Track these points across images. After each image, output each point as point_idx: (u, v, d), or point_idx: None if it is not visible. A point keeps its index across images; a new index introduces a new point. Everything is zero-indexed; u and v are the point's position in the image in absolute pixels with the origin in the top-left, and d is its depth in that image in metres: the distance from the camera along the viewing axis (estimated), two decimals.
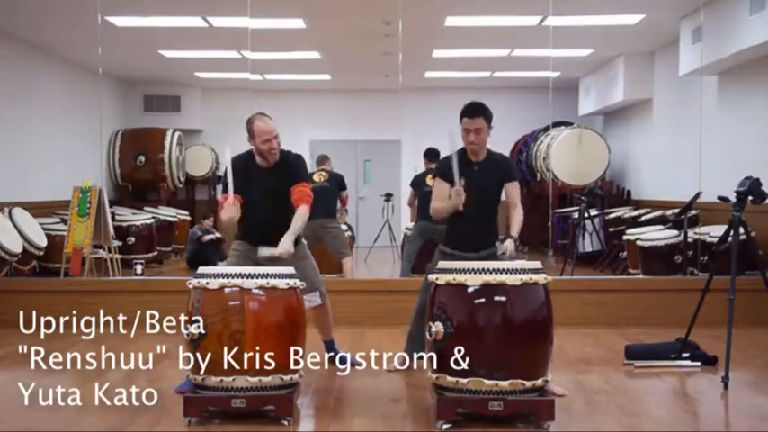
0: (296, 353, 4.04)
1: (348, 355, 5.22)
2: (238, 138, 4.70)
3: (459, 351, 3.74)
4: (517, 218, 4.52)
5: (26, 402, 4.43)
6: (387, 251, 10.72)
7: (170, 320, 6.10)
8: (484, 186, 4.52)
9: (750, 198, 4.88)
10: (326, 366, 5.14)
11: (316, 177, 7.75)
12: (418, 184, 7.80)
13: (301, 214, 4.53)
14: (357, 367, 5.10)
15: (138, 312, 6.57)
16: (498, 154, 4.68)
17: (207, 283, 3.93)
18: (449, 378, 3.81)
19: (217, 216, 4.58)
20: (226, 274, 3.94)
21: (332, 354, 5.18)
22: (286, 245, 4.39)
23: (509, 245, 4.36)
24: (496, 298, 3.81)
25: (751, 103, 8.17)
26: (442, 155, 5.55)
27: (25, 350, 5.77)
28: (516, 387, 3.76)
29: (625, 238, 8.91)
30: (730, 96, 8.68)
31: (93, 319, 6.57)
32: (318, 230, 7.61)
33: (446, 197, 4.50)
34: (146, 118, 12.46)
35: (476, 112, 4.46)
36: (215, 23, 8.92)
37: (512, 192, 4.57)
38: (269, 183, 4.54)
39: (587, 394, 4.50)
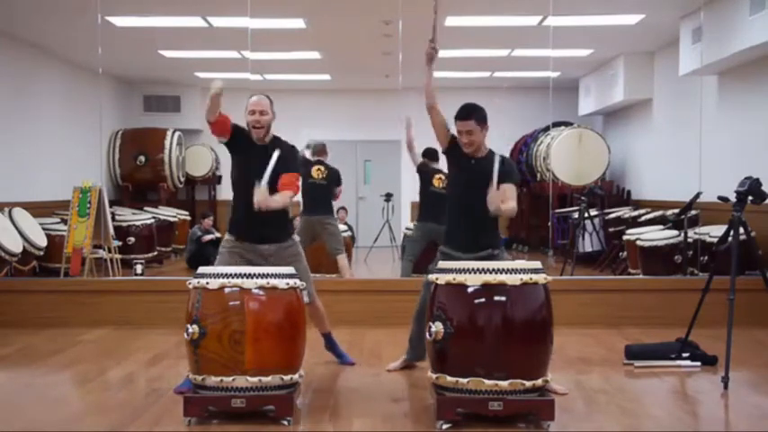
0: (296, 353, 4.05)
1: (345, 354, 5.24)
2: None
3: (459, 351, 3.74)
4: (511, 203, 4.32)
5: (26, 402, 4.44)
6: (387, 251, 10.73)
7: (170, 320, 6.13)
8: (476, 181, 4.36)
9: (750, 198, 4.88)
10: (323, 365, 5.15)
11: (314, 173, 7.68)
12: (425, 176, 7.57)
13: (288, 195, 4.46)
14: (353, 365, 5.12)
15: (139, 312, 6.65)
16: (501, 156, 4.51)
17: (207, 283, 3.92)
18: (449, 378, 3.82)
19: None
20: (226, 274, 3.94)
21: (330, 346, 5.22)
22: (262, 195, 4.30)
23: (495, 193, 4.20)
24: (496, 298, 3.81)
25: (751, 103, 8.17)
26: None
27: (25, 350, 5.81)
28: (516, 387, 3.75)
29: (625, 238, 8.91)
30: (730, 96, 8.69)
31: (93, 319, 6.62)
32: (317, 227, 7.59)
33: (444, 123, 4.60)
34: (146, 118, 12.46)
35: (467, 114, 4.45)
36: (215, 23, 8.92)
37: (504, 189, 4.29)
38: (262, 160, 4.44)
39: (587, 394, 4.50)
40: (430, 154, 7.82)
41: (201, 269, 4.05)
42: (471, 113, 4.45)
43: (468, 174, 4.49)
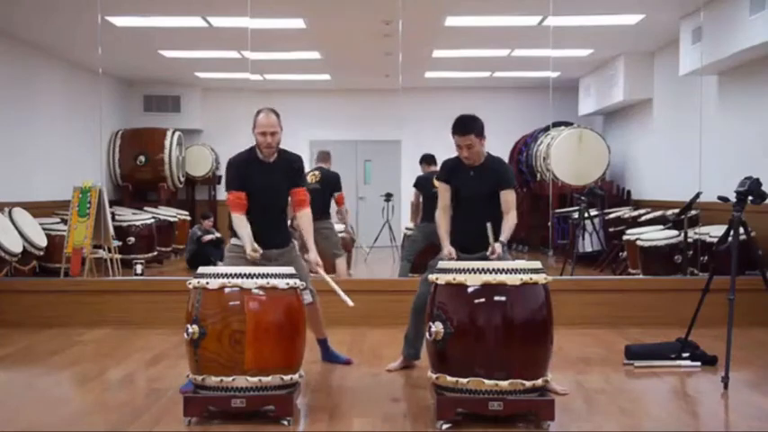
0: (296, 353, 4.05)
1: (342, 355, 5.24)
2: (238, 138, 4.72)
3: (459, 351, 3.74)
4: (509, 223, 4.48)
5: (26, 402, 4.43)
6: (387, 251, 10.72)
7: (170, 320, 6.13)
8: (478, 191, 4.53)
9: (750, 198, 4.87)
10: (322, 365, 5.16)
11: (309, 178, 7.69)
12: (423, 185, 7.74)
13: (308, 216, 4.80)
14: (351, 365, 5.12)
15: (139, 312, 6.65)
16: (496, 159, 4.65)
17: (207, 283, 3.92)
18: (449, 378, 3.82)
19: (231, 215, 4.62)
20: (226, 274, 3.94)
21: (325, 353, 5.22)
22: (315, 257, 4.72)
23: (497, 247, 4.34)
24: (496, 298, 3.80)
25: (751, 103, 8.17)
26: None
27: (25, 350, 5.81)
28: (516, 387, 3.75)
29: (625, 238, 8.91)
30: (730, 96, 8.69)
31: (93, 319, 6.62)
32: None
33: (449, 201, 4.60)
34: (146, 118, 12.46)
35: (465, 129, 4.45)
36: (215, 23, 8.92)
37: (505, 199, 4.52)
38: (267, 177, 4.58)
39: (587, 394, 4.50)
40: (428, 159, 7.90)
41: (201, 269, 4.05)
42: (470, 128, 4.45)
43: (470, 184, 4.55)
